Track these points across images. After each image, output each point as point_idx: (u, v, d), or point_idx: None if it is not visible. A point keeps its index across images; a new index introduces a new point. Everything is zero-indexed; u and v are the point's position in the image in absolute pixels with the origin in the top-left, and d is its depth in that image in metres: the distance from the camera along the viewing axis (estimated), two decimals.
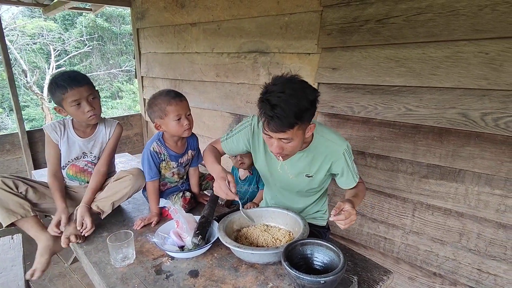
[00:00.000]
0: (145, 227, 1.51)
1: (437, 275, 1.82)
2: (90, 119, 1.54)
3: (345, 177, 1.37)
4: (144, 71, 3.52)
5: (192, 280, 1.14)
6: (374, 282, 1.35)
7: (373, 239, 2.04)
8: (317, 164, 1.35)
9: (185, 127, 1.53)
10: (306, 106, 1.09)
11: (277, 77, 1.14)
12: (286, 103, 1.05)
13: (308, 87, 1.13)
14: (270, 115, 1.06)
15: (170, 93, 1.52)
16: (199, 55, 2.81)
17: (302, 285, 0.94)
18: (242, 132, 1.43)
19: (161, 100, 1.50)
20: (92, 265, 1.25)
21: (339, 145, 1.30)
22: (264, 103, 1.09)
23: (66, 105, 1.48)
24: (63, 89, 1.45)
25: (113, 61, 12.78)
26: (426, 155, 1.71)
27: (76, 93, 1.46)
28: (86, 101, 1.50)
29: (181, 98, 1.53)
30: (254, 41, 2.34)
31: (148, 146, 1.59)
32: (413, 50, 1.63)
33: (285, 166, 1.40)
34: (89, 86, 1.52)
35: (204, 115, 2.97)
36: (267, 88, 1.12)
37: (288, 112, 1.05)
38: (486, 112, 1.49)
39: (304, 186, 1.43)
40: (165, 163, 1.62)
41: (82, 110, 1.50)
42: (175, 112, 1.48)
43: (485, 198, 1.58)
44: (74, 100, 1.47)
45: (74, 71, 1.53)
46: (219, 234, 1.24)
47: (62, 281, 2.14)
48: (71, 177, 1.67)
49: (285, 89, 1.07)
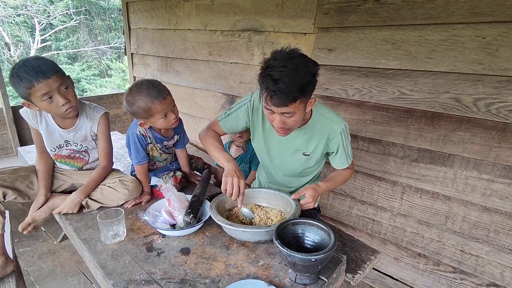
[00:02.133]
0: (136, 205, 1.50)
1: (421, 256, 1.88)
2: (66, 112, 1.36)
3: (339, 157, 1.39)
4: (134, 47, 3.41)
5: (183, 258, 1.14)
6: (362, 261, 1.39)
7: (362, 221, 2.08)
8: (315, 142, 1.36)
9: (172, 121, 1.45)
10: (308, 79, 1.10)
11: (277, 52, 1.13)
12: (288, 77, 1.05)
13: (308, 60, 1.13)
14: (273, 90, 1.07)
15: (151, 90, 1.35)
16: (191, 32, 2.73)
17: (293, 263, 0.96)
18: (242, 108, 1.41)
19: (142, 101, 1.35)
20: (82, 242, 1.24)
21: (337, 124, 1.32)
22: (266, 78, 1.08)
23: (36, 100, 1.29)
24: (28, 83, 1.24)
25: (101, 37, 12.34)
26: (417, 139, 1.72)
27: (45, 86, 1.26)
28: (58, 93, 1.30)
29: (164, 94, 1.38)
30: (248, 18, 2.27)
31: (133, 129, 1.51)
32: (410, 32, 1.61)
33: (283, 142, 1.40)
34: (58, 75, 1.30)
35: (196, 95, 2.91)
36: (267, 63, 1.11)
37: (291, 86, 1.06)
38: (479, 98, 1.50)
39: (300, 165, 1.44)
40: (151, 145, 1.58)
41: (55, 104, 1.31)
42: (161, 112, 1.38)
43: (472, 183, 1.61)
44: (44, 94, 1.27)
45: (38, 58, 1.29)
46: (211, 212, 1.24)
47: (51, 258, 2.13)
48: (60, 162, 1.60)
49: (287, 63, 1.07)
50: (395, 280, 2.01)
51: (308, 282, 1.03)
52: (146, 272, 1.07)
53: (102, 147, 1.54)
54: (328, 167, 1.87)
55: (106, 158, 1.55)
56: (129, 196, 1.47)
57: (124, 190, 1.46)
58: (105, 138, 1.54)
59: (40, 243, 2.27)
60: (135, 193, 1.50)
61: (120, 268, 1.10)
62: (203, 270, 1.08)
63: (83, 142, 1.56)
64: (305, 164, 1.43)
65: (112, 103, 3.56)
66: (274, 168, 1.53)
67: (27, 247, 2.22)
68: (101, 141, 1.54)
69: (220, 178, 2.06)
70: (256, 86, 2.34)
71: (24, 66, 1.24)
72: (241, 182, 1.21)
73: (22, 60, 1.28)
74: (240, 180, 1.21)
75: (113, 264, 1.12)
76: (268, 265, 1.11)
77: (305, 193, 1.29)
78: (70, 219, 1.39)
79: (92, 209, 1.44)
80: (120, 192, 1.46)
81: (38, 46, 10.61)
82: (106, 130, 1.53)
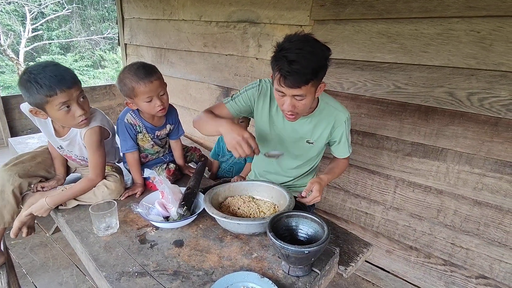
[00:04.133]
0: (129, 197, 1.49)
1: (413, 249, 1.91)
2: (81, 123, 1.30)
3: (342, 145, 1.43)
4: (127, 38, 3.35)
5: (177, 250, 1.14)
6: (355, 254, 1.40)
7: (355, 214, 2.10)
8: (320, 130, 1.39)
9: (158, 108, 1.41)
10: (322, 62, 1.13)
11: (291, 35, 1.15)
12: (304, 59, 1.08)
13: (322, 44, 1.15)
14: (288, 71, 1.09)
15: (139, 71, 1.34)
16: (186, 23, 2.69)
17: (286, 255, 0.96)
18: (249, 91, 1.42)
19: (128, 79, 1.34)
20: (74, 234, 1.23)
21: (342, 113, 1.36)
22: (281, 60, 1.10)
23: (52, 108, 1.22)
24: (50, 91, 1.17)
25: (94, 28, 12.12)
26: (411, 134, 1.73)
27: (66, 95, 1.21)
28: (77, 103, 1.25)
29: (152, 77, 1.35)
30: (244, 9, 2.25)
31: (122, 117, 1.49)
32: (405, 25, 1.60)
33: (288, 129, 1.42)
34: (78, 85, 1.27)
35: (190, 87, 2.88)
36: (281, 46, 1.13)
37: (307, 68, 1.09)
38: (472, 92, 1.50)
39: (302, 153, 1.47)
40: (141, 135, 1.55)
41: (72, 115, 1.26)
42: (144, 94, 1.35)
43: (464, 177, 1.63)
44: (64, 103, 1.21)
45: (57, 65, 1.24)
46: (205, 205, 1.23)
47: (43, 250, 2.12)
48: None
49: (303, 46, 1.09)
50: (386, 272, 2.04)
51: (301, 274, 1.04)
52: (139, 264, 1.07)
53: (90, 160, 1.42)
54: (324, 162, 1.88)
55: (93, 171, 1.41)
56: (107, 195, 1.40)
57: (104, 188, 1.40)
58: (91, 151, 1.39)
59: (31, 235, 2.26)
60: (114, 194, 1.42)
61: (112, 260, 1.09)
62: (197, 262, 1.08)
63: (79, 152, 1.48)
64: (307, 152, 1.46)
65: (105, 94, 3.51)
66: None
67: (19, 239, 2.21)
68: (88, 153, 1.41)
69: (214, 170, 2.06)
70: (251, 79, 2.33)
71: (44, 72, 1.18)
72: (249, 137, 1.16)
73: (39, 65, 1.21)
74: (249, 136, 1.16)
75: (105, 256, 1.11)
76: (262, 257, 1.12)
77: (312, 188, 1.31)
78: (62, 211, 1.38)
79: (69, 206, 1.39)
80: (99, 190, 1.39)
81: (29, 35, 10.38)
82: (93, 143, 1.38)
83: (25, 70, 1.21)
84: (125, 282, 1.00)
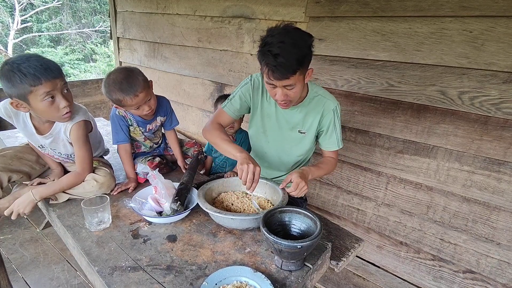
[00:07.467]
0: (121, 192, 1.48)
1: (403, 244, 1.94)
2: (64, 116, 1.28)
3: (329, 136, 1.43)
4: (120, 31, 3.30)
5: (170, 245, 1.14)
6: (346, 249, 1.42)
7: (347, 210, 2.12)
8: (310, 119, 1.42)
9: (146, 112, 1.44)
10: (305, 51, 1.16)
11: (272, 29, 1.17)
12: (287, 52, 1.11)
13: (303, 33, 1.18)
14: (274, 65, 1.13)
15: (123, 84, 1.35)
16: (180, 17, 2.66)
17: (279, 250, 0.97)
18: (243, 88, 1.46)
19: (114, 93, 1.36)
20: (65, 229, 1.22)
21: (330, 101, 1.39)
22: (267, 55, 1.14)
23: (35, 99, 1.19)
24: (35, 80, 1.15)
25: (86, 20, 11.90)
26: (403, 131, 1.75)
27: (51, 85, 1.19)
28: (61, 94, 1.23)
29: (137, 91, 1.36)
30: (239, 5, 2.23)
31: (114, 109, 1.53)
32: (400, 24, 1.61)
33: (280, 120, 1.45)
34: (63, 76, 1.25)
35: (184, 82, 2.86)
36: (265, 40, 1.16)
37: (291, 59, 1.12)
38: (463, 91, 1.53)
39: (295, 144, 1.48)
40: (133, 128, 1.57)
41: (56, 106, 1.23)
42: (131, 106, 1.39)
43: (454, 174, 1.66)
44: (48, 93, 1.19)
45: (40, 57, 1.22)
46: (199, 200, 1.23)
47: (34, 245, 2.10)
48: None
49: (284, 39, 1.12)
50: (377, 267, 2.08)
51: (293, 268, 1.05)
52: (132, 258, 1.07)
53: (76, 155, 1.41)
54: (316, 158, 1.89)
55: (80, 166, 1.41)
56: (97, 189, 1.38)
57: (93, 181, 1.38)
58: (78, 146, 1.39)
59: (22, 230, 2.23)
60: (104, 187, 1.41)
61: (105, 255, 1.09)
62: (190, 257, 1.09)
63: (64, 149, 1.46)
64: (300, 143, 1.48)
65: (97, 88, 3.45)
66: (270, 148, 1.55)
67: (8, 235, 2.18)
68: (75, 148, 1.41)
69: (208, 166, 2.05)
70: (245, 75, 2.32)
71: (28, 62, 1.16)
72: (257, 169, 1.20)
73: (22, 56, 1.18)
74: (256, 167, 1.20)
75: (98, 251, 1.10)
76: (255, 252, 1.12)
77: (290, 179, 1.28)
78: (54, 205, 1.36)
79: (59, 201, 1.37)
80: (88, 184, 1.38)
81: (18, 27, 10.16)
82: (79, 138, 1.38)
83: (6, 61, 1.18)
84: (118, 276, 0.99)
